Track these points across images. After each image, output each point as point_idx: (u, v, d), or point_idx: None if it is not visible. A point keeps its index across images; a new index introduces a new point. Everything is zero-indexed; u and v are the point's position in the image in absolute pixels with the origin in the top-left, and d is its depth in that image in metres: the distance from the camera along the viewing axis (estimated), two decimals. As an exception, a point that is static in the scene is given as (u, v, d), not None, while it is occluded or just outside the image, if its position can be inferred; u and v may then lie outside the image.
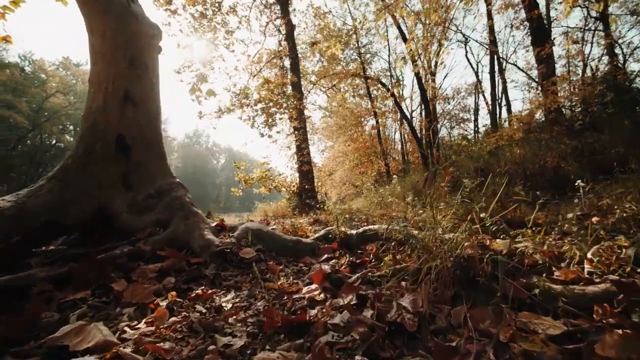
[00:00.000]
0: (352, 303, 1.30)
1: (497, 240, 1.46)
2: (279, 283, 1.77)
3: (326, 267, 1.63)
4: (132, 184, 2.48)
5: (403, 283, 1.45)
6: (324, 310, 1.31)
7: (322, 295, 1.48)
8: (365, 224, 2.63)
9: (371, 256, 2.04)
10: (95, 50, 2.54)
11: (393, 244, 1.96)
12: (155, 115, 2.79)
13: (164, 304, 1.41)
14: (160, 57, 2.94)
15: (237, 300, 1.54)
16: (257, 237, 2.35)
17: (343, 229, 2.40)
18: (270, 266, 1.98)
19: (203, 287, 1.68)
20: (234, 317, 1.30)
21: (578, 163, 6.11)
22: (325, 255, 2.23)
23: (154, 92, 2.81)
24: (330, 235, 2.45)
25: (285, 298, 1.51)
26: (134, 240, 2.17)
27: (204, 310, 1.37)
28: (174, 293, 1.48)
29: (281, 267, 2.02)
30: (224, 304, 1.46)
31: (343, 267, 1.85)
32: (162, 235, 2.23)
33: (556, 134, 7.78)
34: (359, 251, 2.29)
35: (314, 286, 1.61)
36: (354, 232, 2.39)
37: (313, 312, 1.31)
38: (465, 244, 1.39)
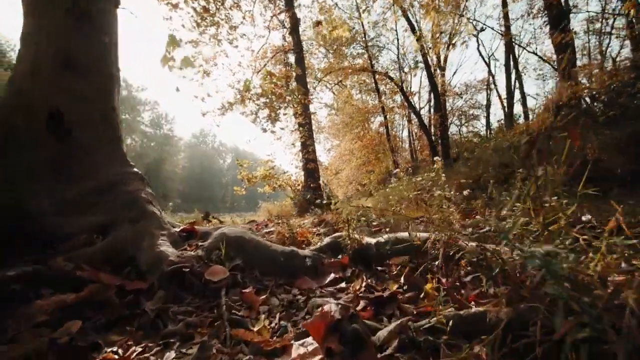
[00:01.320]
0: (389, 411, 0.60)
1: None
2: (256, 329, 1.08)
3: (333, 309, 0.95)
4: (69, 174, 1.83)
5: (480, 350, 0.74)
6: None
7: (325, 369, 0.79)
8: (388, 230, 1.94)
9: (402, 280, 1.33)
10: (23, -6, 1.89)
11: (438, 262, 1.25)
12: (109, 86, 2.13)
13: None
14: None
15: (174, 371, 0.86)
16: (235, 247, 1.67)
17: (357, 235, 1.70)
18: (247, 296, 1.29)
19: (126, 340, 1.00)
20: None
21: (623, 155, 5.32)
22: (332, 276, 1.53)
23: (108, 57, 2.16)
24: (341, 248, 1.75)
25: (259, 370, 0.82)
26: (51, 254, 1.50)
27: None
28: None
29: (264, 296, 1.33)
30: (139, 388, 0.78)
31: (360, 305, 1.14)
32: (97, 246, 1.56)
33: (580, 126, 7.01)
34: (379, 268, 1.59)
35: (311, 344, 0.92)
36: (372, 241, 1.68)
37: None
38: (615, 278, 0.68)
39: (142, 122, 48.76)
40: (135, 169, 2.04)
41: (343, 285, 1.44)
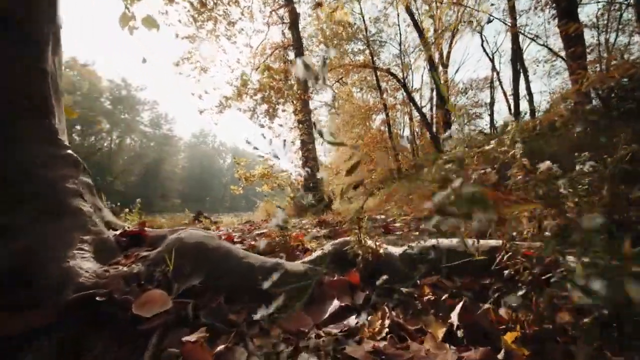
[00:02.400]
0: None
1: None
2: None
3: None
4: (-31, 156, 1.31)
5: None
6: None
7: None
8: (417, 233, 1.41)
9: (454, 319, 0.80)
10: None
11: (525, 290, 0.72)
12: (37, 41, 1.61)
13: None
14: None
15: None
16: (194, 259, 1.14)
17: (370, 242, 1.17)
18: (189, 350, 0.76)
19: None
20: None
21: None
22: (336, 304, 1.01)
23: (37, 4, 1.64)
24: (348, 259, 1.22)
25: None
26: None
27: None
28: None
29: (223, 347, 0.80)
30: None
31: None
32: (-21, 259, 1.04)
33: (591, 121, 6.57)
34: (404, 290, 1.06)
35: None
36: (395, 250, 1.15)
37: None
38: None
39: (142, 121, 48.26)
40: (69, 151, 1.51)
41: (352, 322, 0.91)
